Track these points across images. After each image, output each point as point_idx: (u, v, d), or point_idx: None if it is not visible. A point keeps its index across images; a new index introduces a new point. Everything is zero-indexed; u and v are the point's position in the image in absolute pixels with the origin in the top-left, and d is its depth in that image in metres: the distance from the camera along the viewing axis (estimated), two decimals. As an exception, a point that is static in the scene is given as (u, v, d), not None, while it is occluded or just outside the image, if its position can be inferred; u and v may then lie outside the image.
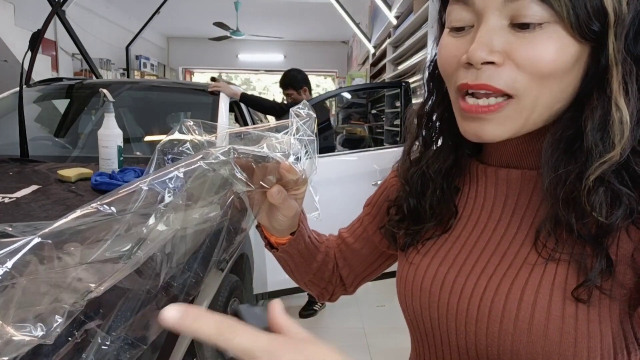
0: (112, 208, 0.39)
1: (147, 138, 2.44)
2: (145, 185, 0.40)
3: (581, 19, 0.39)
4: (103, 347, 0.42)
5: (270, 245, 0.64)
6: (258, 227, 0.63)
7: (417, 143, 0.58)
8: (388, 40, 5.30)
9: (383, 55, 5.67)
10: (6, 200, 1.23)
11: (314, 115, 0.51)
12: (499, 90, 0.42)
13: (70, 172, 1.49)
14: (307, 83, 2.94)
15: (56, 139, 2.30)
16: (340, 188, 2.30)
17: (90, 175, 1.54)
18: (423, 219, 0.55)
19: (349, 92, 4.74)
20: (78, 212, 0.38)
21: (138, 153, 2.22)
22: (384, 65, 5.54)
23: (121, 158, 1.63)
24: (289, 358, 0.29)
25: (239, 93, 2.45)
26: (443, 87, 0.52)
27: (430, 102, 0.55)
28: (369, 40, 6.30)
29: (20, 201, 1.24)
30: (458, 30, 0.46)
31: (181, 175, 0.41)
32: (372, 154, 2.64)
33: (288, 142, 0.48)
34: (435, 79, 0.54)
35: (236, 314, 0.36)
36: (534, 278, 0.44)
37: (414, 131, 0.57)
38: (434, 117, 0.55)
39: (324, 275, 0.69)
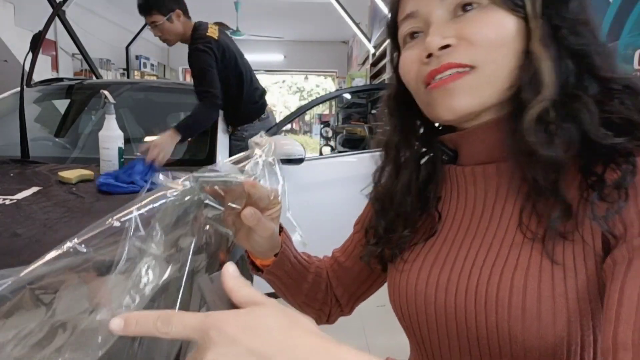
0: (87, 248, 0.39)
1: (148, 139, 2.45)
2: (117, 222, 0.41)
3: None
4: None
5: (256, 268, 0.66)
6: (245, 252, 0.65)
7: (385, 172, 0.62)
8: (388, 40, 5.29)
9: (383, 55, 5.66)
10: (7, 202, 1.23)
11: (273, 143, 0.54)
12: (460, 65, 0.48)
13: (71, 174, 1.49)
14: (181, 2, 2.06)
15: (56, 140, 2.30)
16: (340, 189, 2.30)
17: (91, 177, 1.54)
18: (396, 231, 0.58)
19: (350, 92, 4.73)
20: (53, 253, 0.38)
21: (138, 154, 2.22)
22: (384, 65, 5.54)
23: (122, 159, 1.64)
24: (227, 332, 0.30)
25: (175, 136, 1.83)
26: (397, 119, 0.58)
27: (393, 133, 0.59)
28: (369, 40, 6.29)
29: (21, 203, 1.24)
30: (411, 37, 0.52)
31: (145, 211, 0.41)
32: (372, 155, 2.64)
33: (252, 166, 0.51)
34: (391, 113, 0.59)
35: (200, 290, 0.37)
36: (522, 261, 0.46)
37: (381, 162, 0.62)
38: (399, 146, 0.59)
39: (317, 296, 0.70)
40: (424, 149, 0.60)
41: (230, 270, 0.35)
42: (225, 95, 2.08)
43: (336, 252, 0.73)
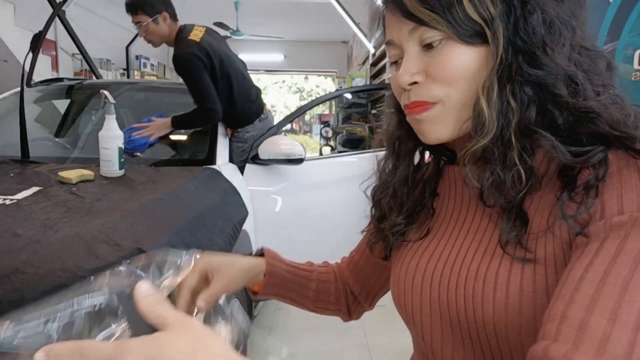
0: None
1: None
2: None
3: (460, 32, 0.47)
4: None
5: (253, 293, 0.72)
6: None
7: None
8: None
9: (383, 55, 5.66)
10: (7, 202, 1.23)
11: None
12: (426, 102, 0.51)
13: (71, 174, 1.49)
14: (167, 4, 2.06)
15: (56, 140, 2.30)
16: (340, 189, 2.30)
17: (91, 177, 1.54)
18: (389, 218, 0.62)
19: (350, 92, 4.73)
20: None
21: (139, 154, 2.22)
22: (384, 65, 5.54)
23: (122, 159, 1.64)
24: None
25: (170, 126, 2.05)
26: (397, 114, 0.60)
27: (394, 129, 0.62)
28: (369, 40, 6.29)
29: (21, 203, 1.24)
30: (395, 64, 0.55)
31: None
32: (372, 155, 2.63)
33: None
34: (396, 104, 0.61)
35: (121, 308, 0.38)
36: (506, 258, 0.47)
37: (382, 157, 0.65)
38: (399, 141, 0.62)
39: (328, 299, 0.74)
40: (423, 149, 0.63)
41: (142, 289, 0.36)
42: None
43: (352, 252, 0.76)
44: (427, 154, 0.63)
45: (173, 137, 2.22)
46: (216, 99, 2.07)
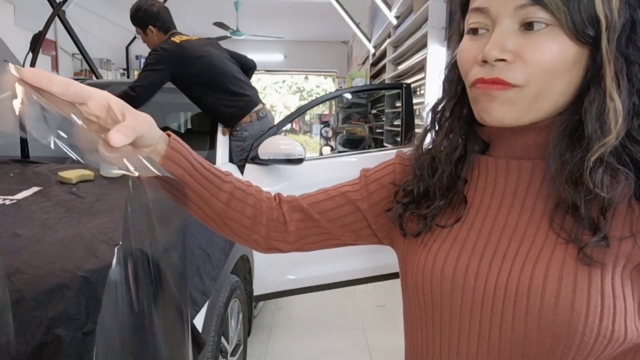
0: None
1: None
2: None
3: (577, 25, 0.46)
4: None
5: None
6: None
7: (430, 137, 0.62)
8: (388, 40, 5.30)
9: (383, 55, 5.67)
10: (7, 202, 1.23)
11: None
12: (508, 84, 0.49)
13: (71, 174, 1.49)
14: (155, 19, 2.31)
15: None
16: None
17: (91, 177, 1.54)
18: (432, 199, 0.58)
19: (350, 92, 4.74)
20: None
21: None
22: (384, 65, 5.54)
23: (122, 159, 1.64)
24: None
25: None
26: (455, 87, 0.58)
27: (445, 101, 0.60)
28: (369, 40, 6.30)
29: (21, 203, 1.24)
30: (474, 32, 0.52)
31: None
32: (372, 155, 2.64)
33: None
34: (450, 80, 0.59)
35: None
36: (557, 255, 0.47)
37: (429, 124, 0.62)
38: (445, 112, 0.60)
39: (243, 222, 0.63)
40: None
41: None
42: (204, 96, 2.27)
43: (326, 189, 0.68)
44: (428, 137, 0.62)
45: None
46: (146, 87, 2.22)
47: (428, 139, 0.62)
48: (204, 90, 2.25)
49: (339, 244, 0.68)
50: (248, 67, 2.56)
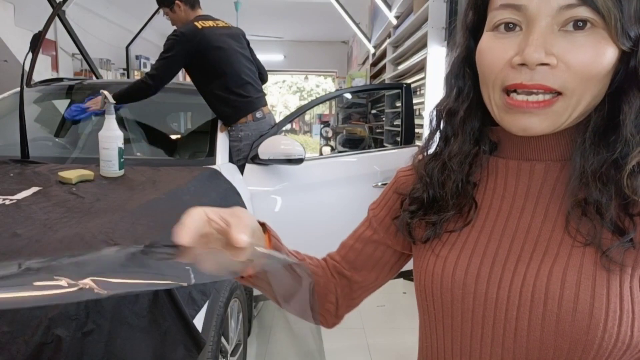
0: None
1: (147, 139, 2.45)
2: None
3: (625, 29, 0.44)
4: None
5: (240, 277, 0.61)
6: None
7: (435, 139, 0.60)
8: (388, 40, 5.29)
9: (383, 55, 5.66)
10: (7, 202, 1.23)
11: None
12: (551, 89, 0.46)
13: (71, 174, 1.49)
14: None
15: (56, 140, 2.30)
16: (340, 190, 2.30)
17: (91, 177, 1.54)
18: (443, 208, 0.56)
19: (350, 92, 4.73)
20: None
21: (139, 154, 2.22)
22: (384, 65, 5.54)
23: (122, 160, 1.64)
24: None
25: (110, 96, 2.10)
26: (468, 85, 0.55)
27: (454, 100, 0.57)
28: (369, 40, 6.29)
29: (21, 203, 1.24)
30: (505, 29, 0.48)
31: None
32: (372, 155, 2.64)
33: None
34: (460, 77, 0.56)
35: None
36: (575, 259, 0.46)
37: (434, 126, 0.59)
38: (458, 114, 0.56)
39: (317, 289, 0.65)
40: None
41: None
42: (207, 85, 2.24)
43: (348, 240, 0.69)
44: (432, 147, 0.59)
45: (173, 137, 2.22)
46: (161, 76, 2.19)
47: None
48: (209, 80, 2.23)
49: (379, 285, 0.68)
50: (260, 78, 2.55)
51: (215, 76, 2.22)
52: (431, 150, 0.60)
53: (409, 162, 0.63)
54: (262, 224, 0.58)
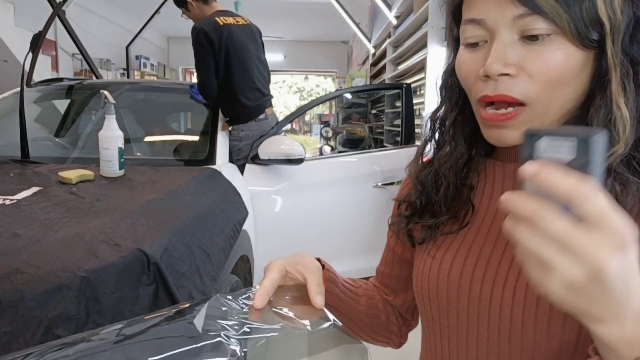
0: None
1: (147, 139, 2.45)
2: None
3: (581, 30, 0.43)
4: None
5: None
6: None
7: (430, 146, 0.61)
8: (388, 40, 5.29)
9: (383, 55, 5.66)
10: (7, 202, 1.23)
11: None
12: (515, 100, 0.46)
13: (71, 174, 1.49)
14: None
15: (56, 140, 2.30)
16: (340, 189, 2.30)
17: (91, 177, 1.54)
18: (437, 213, 0.57)
19: (350, 92, 4.73)
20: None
21: (139, 154, 2.22)
22: (384, 65, 5.54)
23: (122, 159, 1.64)
24: None
25: None
26: (456, 94, 0.56)
27: (443, 108, 0.59)
28: (369, 40, 6.29)
29: (21, 203, 1.24)
30: (473, 46, 0.50)
31: None
32: (372, 155, 2.64)
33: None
34: (449, 88, 0.58)
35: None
36: None
37: (428, 134, 0.61)
38: (447, 122, 0.58)
39: (379, 316, 0.67)
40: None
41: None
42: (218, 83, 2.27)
43: (379, 267, 0.72)
44: (430, 152, 0.61)
45: (173, 137, 2.22)
46: (204, 85, 2.24)
47: (427, 147, 0.61)
48: (217, 76, 2.26)
49: None
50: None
51: (227, 77, 2.25)
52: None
53: (408, 162, 0.64)
54: (318, 259, 0.61)
